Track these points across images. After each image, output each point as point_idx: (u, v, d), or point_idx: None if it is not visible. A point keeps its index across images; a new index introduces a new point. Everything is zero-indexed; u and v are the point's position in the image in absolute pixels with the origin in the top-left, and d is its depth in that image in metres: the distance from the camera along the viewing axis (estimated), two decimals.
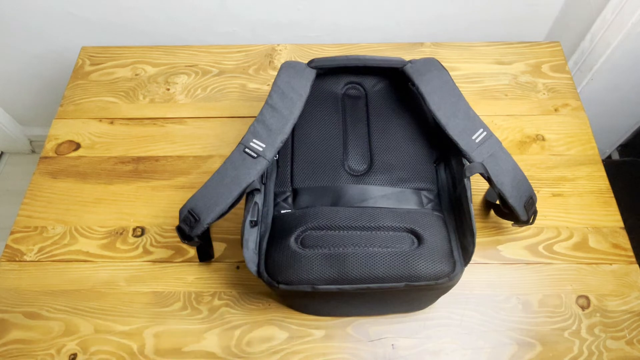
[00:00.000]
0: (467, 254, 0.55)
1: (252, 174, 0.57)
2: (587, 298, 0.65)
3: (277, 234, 0.57)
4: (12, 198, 0.97)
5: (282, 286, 0.53)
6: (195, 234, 0.56)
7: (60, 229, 0.72)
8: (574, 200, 0.73)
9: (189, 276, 0.68)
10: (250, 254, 0.55)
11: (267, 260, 0.55)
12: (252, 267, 0.54)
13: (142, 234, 0.72)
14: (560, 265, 0.68)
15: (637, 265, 0.67)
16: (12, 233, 0.72)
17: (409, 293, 0.55)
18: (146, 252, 0.70)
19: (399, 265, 0.52)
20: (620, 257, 0.68)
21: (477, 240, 0.69)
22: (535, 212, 0.61)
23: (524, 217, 0.59)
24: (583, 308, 0.64)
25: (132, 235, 0.71)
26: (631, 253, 0.68)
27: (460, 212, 0.58)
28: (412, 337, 0.63)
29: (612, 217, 0.72)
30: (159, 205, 0.74)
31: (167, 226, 0.72)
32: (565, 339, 0.62)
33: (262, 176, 0.59)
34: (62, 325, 0.65)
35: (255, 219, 0.56)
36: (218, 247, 0.70)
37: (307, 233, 0.56)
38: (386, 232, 0.54)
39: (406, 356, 0.62)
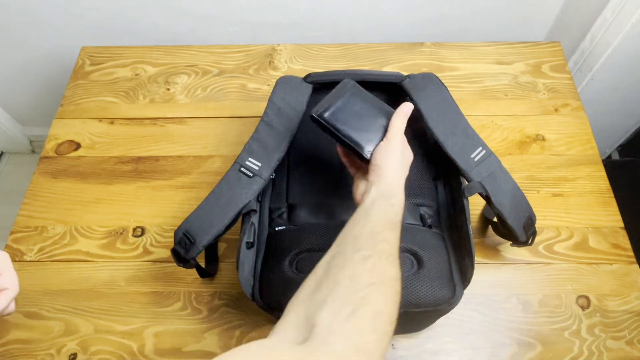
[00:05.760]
0: (465, 278, 0.54)
1: (248, 194, 0.55)
2: (587, 298, 0.65)
3: (271, 255, 0.56)
4: (12, 198, 0.96)
5: (277, 313, 0.52)
6: (190, 256, 0.55)
7: (60, 229, 0.72)
8: (574, 200, 0.73)
9: (189, 276, 0.67)
10: (246, 276, 0.54)
11: (262, 283, 0.54)
12: (247, 289, 0.54)
13: (142, 234, 0.71)
14: (560, 265, 0.68)
15: (637, 265, 0.67)
16: (12, 233, 0.72)
17: (407, 317, 0.55)
18: (146, 252, 0.70)
19: None
20: (620, 257, 0.68)
21: (477, 239, 0.69)
22: (534, 233, 0.59)
23: (522, 238, 0.58)
24: (583, 308, 0.64)
25: (132, 235, 0.71)
26: (631, 253, 0.68)
27: (459, 231, 0.58)
28: (411, 337, 0.63)
29: (612, 217, 0.72)
30: (159, 205, 0.74)
31: (167, 226, 0.72)
32: (565, 339, 0.62)
33: (257, 194, 0.57)
34: (62, 325, 0.64)
35: (251, 240, 0.55)
36: (218, 248, 0.69)
37: (301, 256, 0.54)
38: None
39: (406, 356, 0.62)
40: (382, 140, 0.49)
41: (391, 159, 0.47)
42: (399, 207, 0.45)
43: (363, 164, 0.51)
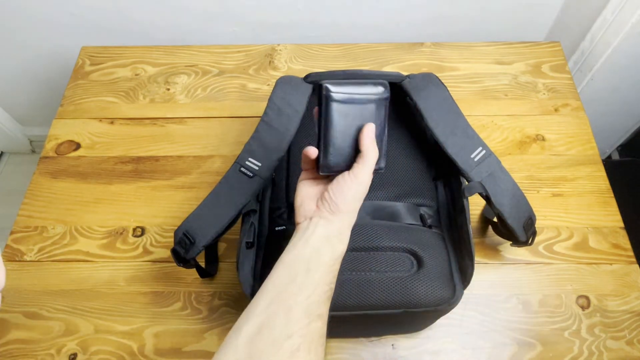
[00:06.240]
0: (465, 278, 0.54)
1: (248, 194, 0.55)
2: (587, 298, 0.65)
3: (271, 254, 0.56)
4: (12, 198, 0.96)
5: None
6: (190, 256, 0.55)
7: (60, 229, 0.72)
8: (574, 200, 0.73)
9: (189, 276, 0.67)
10: (246, 276, 0.54)
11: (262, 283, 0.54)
12: (248, 289, 0.54)
13: (142, 234, 0.72)
14: (560, 265, 0.68)
15: (637, 265, 0.67)
16: (12, 233, 0.72)
17: (407, 317, 0.55)
18: (146, 252, 0.70)
19: (397, 291, 0.51)
20: (620, 257, 0.68)
21: (477, 239, 0.69)
22: (534, 233, 0.59)
23: (522, 238, 0.58)
24: (583, 308, 0.64)
25: (132, 235, 0.71)
26: (631, 253, 0.68)
27: (459, 231, 0.58)
28: (412, 337, 0.63)
29: (612, 217, 0.72)
30: (159, 205, 0.74)
31: (167, 226, 0.72)
32: (565, 339, 0.62)
33: (257, 194, 0.57)
34: (62, 325, 0.65)
35: (251, 240, 0.55)
36: (218, 247, 0.69)
37: None
38: (385, 253, 0.53)
39: (406, 356, 0.62)
40: (348, 166, 0.43)
41: (351, 200, 0.42)
42: (340, 258, 0.42)
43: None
